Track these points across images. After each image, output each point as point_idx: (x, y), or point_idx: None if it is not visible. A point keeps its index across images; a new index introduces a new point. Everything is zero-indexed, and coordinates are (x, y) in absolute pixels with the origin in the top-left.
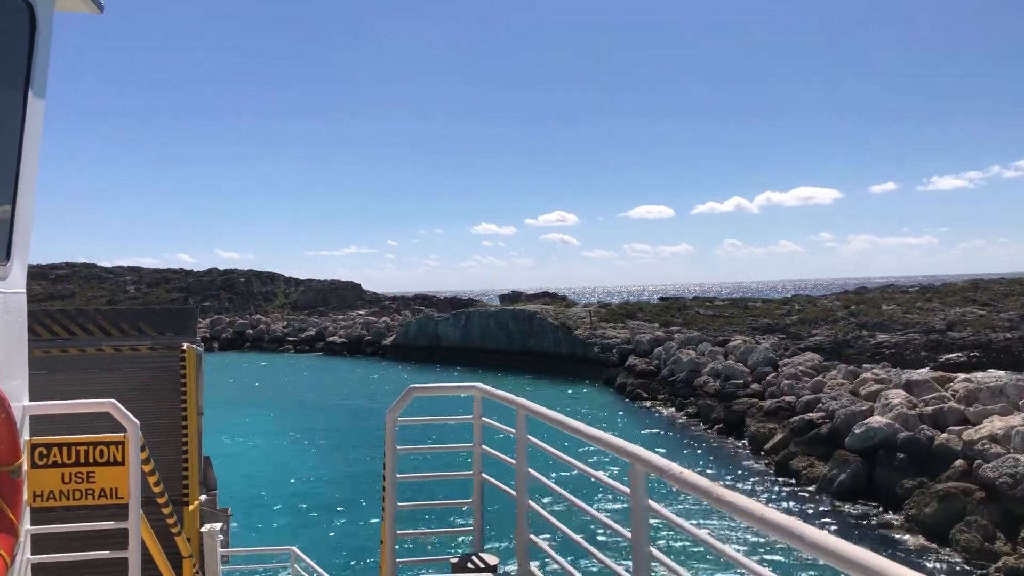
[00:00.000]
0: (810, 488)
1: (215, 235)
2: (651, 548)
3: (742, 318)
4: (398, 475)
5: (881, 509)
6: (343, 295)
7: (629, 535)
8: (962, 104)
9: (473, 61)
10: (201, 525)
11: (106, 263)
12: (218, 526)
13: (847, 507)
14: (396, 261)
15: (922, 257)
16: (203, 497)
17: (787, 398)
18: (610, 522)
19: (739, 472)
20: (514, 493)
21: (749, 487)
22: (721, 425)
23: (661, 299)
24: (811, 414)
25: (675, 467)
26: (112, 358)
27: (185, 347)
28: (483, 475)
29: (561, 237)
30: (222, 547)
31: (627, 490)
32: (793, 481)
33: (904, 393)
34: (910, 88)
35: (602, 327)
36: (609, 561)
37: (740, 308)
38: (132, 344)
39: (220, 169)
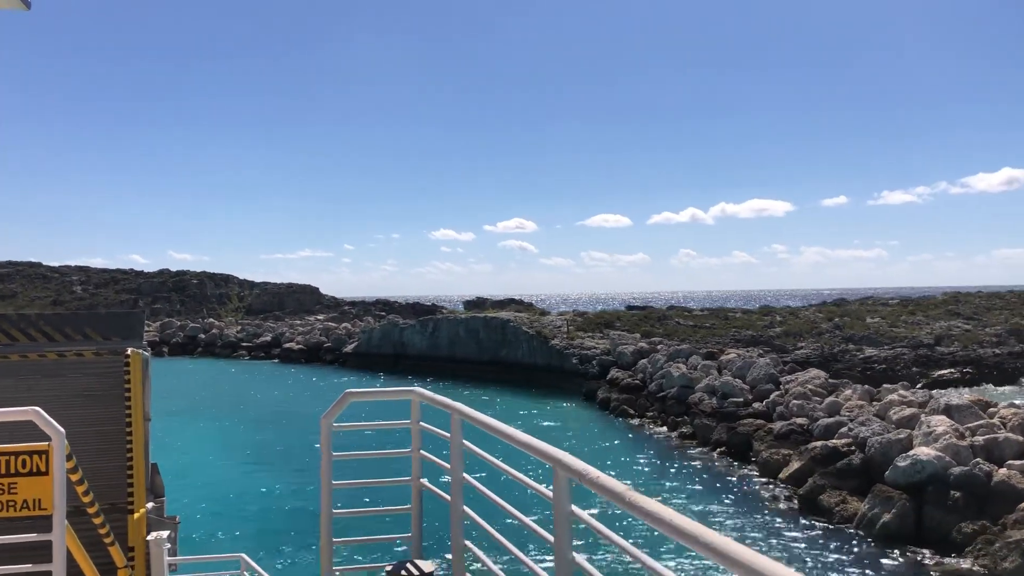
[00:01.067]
0: (847, 528)
1: (169, 236)
2: (573, 554)
3: (724, 329)
4: (334, 482)
5: (939, 556)
6: (300, 299)
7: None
8: (911, 121)
9: (432, 67)
10: (148, 533)
11: (55, 262)
12: (165, 534)
13: (896, 552)
14: (352, 265)
15: (872, 269)
16: (150, 505)
17: (799, 420)
18: (537, 527)
19: (761, 508)
20: (449, 498)
21: (777, 527)
22: (724, 448)
23: (629, 308)
24: (835, 441)
25: (593, 471)
26: (56, 364)
27: (129, 352)
28: (421, 480)
29: (520, 244)
30: (170, 555)
31: (551, 495)
32: (824, 520)
33: (947, 419)
34: (861, 105)
35: (580, 337)
36: (536, 567)
37: (720, 319)
38: (77, 349)
39: (175, 169)
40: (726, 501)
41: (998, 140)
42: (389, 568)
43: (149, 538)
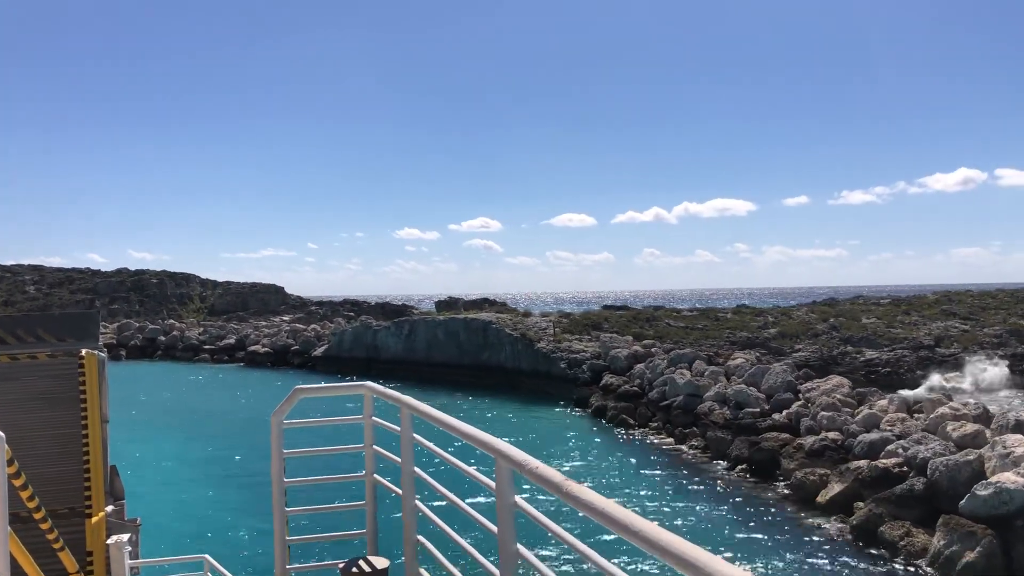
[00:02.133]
0: (919, 566)
1: (128, 235)
2: (517, 545)
3: (716, 331)
4: (286, 480)
5: None
6: (265, 299)
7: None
8: (869, 122)
9: (397, 66)
10: (108, 537)
11: (11, 261)
12: (126, 537)
13: None
14: (316, 264)
15: (834, 268)
16: (110, 508)
17: (830, 434)
18: (483, 520)
19: (806, 539)
20: (401, 492)
21: (836, 564)
22: (745, 466)
23: (606, 307)
24: (884, 461)
25: (532, 461)
26: (8, 367)
27: (84, 353)
28: (375, 476)
29: (485, 243)
30: (131, 558)
31: (494, 486)
32: (887, 553)
33: (1021, 438)
34: (820, 106)
35: (567, 339)
36: (484, 560)
37: (711, 320)
38: (30, 351)
39: (134, 167)
40: (762, 529)
41: (954, 141)
42: (342, 565)
43: (109, 542)
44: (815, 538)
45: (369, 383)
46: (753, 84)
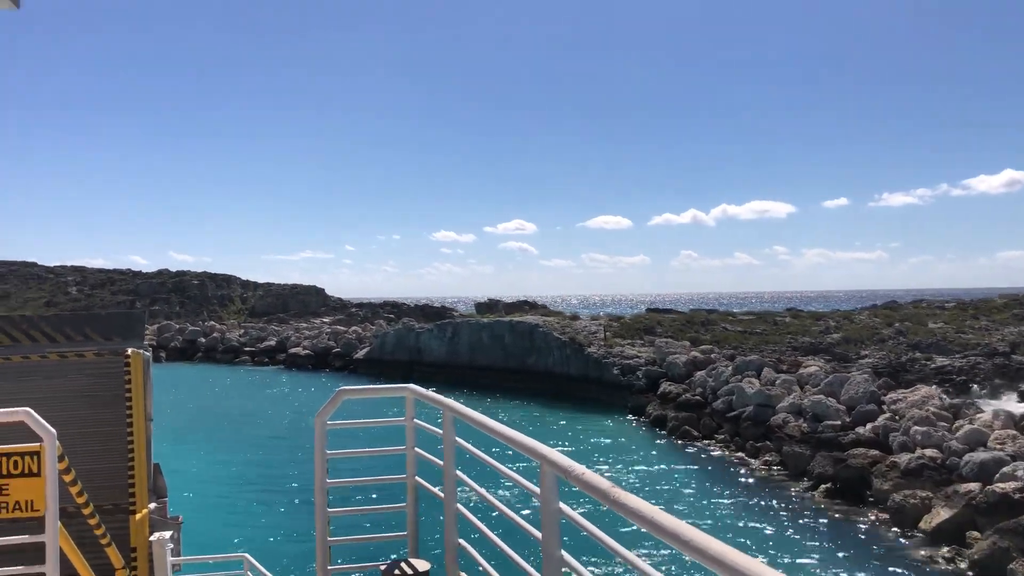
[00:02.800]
0: None
1: (169, 237)
2: (562, 552)
3: (776, 335)
4: (328, 480)
5: None
6: (305, 300)
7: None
8: (913, 123)
9: (432, 69)
10: (151, 534)
11: (54, 262)
12: (168, 534)
13: None
14: (353, 266)
15: (873, 271)
16: (153, 505)
17: (927, 452)
18: (526, 525)
19: (921, 572)
20: (443, 495)
21: None
22: (830, 485)
23: (650, 310)
24: (1002, 485)
25: (578, 467)
26: (57, 365)
27: (130, 352)
28: (416, 478)
29: (520, 245)
30: (173, 555)
31: (538, 491)
32: None
33: None
34: (861, 106)
35: (618, 344)
36: (527, 565)
37: (769, 324)
38: (78, 350)
39: (176, 171)
40: (861, 558)
41: (999, 142)
42: (384, 567)
43: (152, 538)
44: (927, 571)
45: (411, 385)
46: (793, 83)
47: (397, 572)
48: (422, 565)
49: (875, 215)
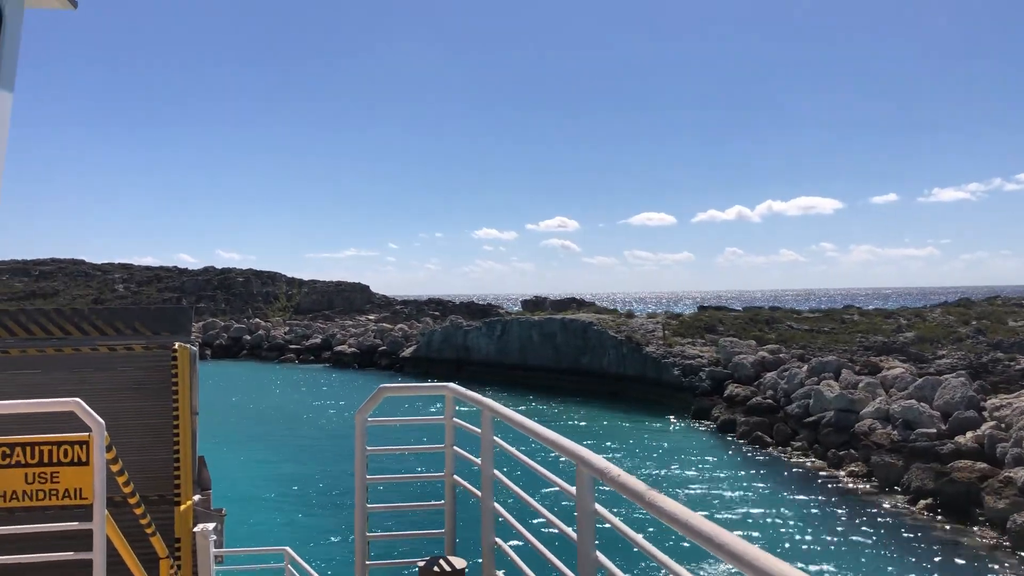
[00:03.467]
0: None
1: (216, 236)
2: (597, 553)
3: (846, 334)
4: (368, 477)
5: None
6: (350, 298)
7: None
8: (963, 116)
9: (473, 68)
10: (195, 525)
11: (102, 259)
12: (211, 526)
13: None
14: (397, 264)
15: (924, 268)
16: (197, 497)
17: None
18: (562, 525)
19: None
20: (480, 494)
21: None
22: (931, 500)
23: (701, 308)
24: None
25: (615, 469)
26: (107, 357)
27: (177, 346)
28: (454, 476)
29: (562, 243)
30: (216, 547)
31: (574, 492)
32: None
33: None
34: (911, 100)
35: (678, 343)
36: (562, 566)
37: (837, 322)
38: (127, 343)
39: (223, 170)
40: None
41: None
42: (422, 564)
43: (196, 529)
44: None
45: (451, 384)
46: (839, 79)
47: (436, 569)
48: (459, 563)
49: (925, 211)
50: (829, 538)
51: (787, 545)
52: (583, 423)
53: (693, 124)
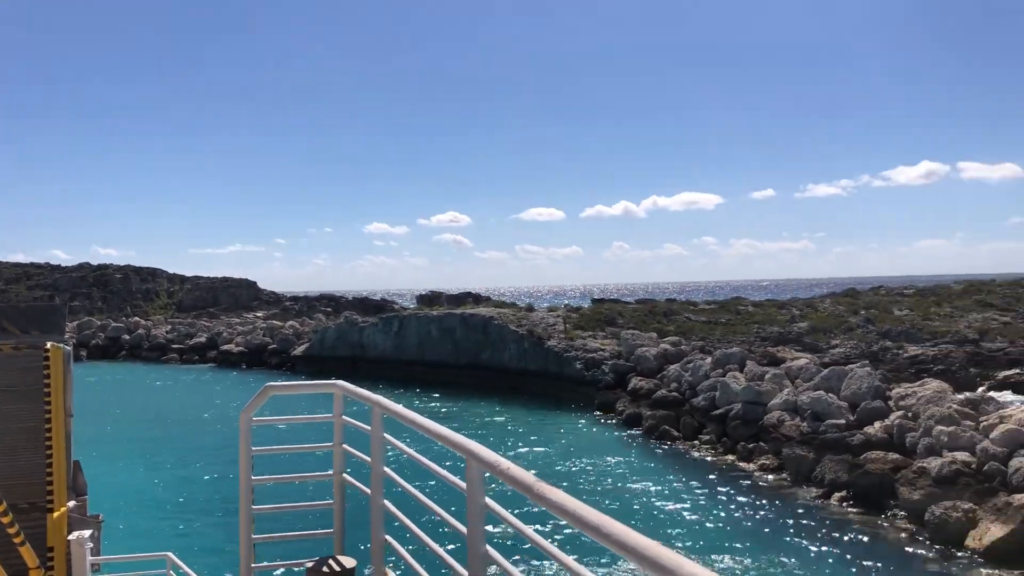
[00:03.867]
0: None
1: (92, 231)
2: (487, 547)
3: (743, 325)
4: (254, 478)
5: None
6: (236, 294)
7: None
8: (835, 116)
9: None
10: (69, 533)
11: None
12: (87, 533)
13: None
14: (284, 259)
15: (800, 261)
16: (72, 503)
17: (958, 455)
18: (452, 520)
19: None
20: (370, 492)
21: None
22: (846, 493)
23: (596, 301)
24: None
25: (504, 462)
26: None
27: (49, 346)
28: (344, 475)
29: (454, 238)
30: (92, 555)
31: (464, 486)
32: None
33: None
34: (785, 98)
35: (579, 336)
36: (452, 560)
37: (734, 313)
38: None
39: (99, 163)
40: None
41: (917, 134)
42: (310, 564)
43: (70, 538)
44: None
45: (340, 382)
46: (720, 78)
47: (324, 570)
48: (348, 562)
49: (801, 206)
50: (744, 533)
51: (702, 542)
52: (485, 419)
53: (583, 119)
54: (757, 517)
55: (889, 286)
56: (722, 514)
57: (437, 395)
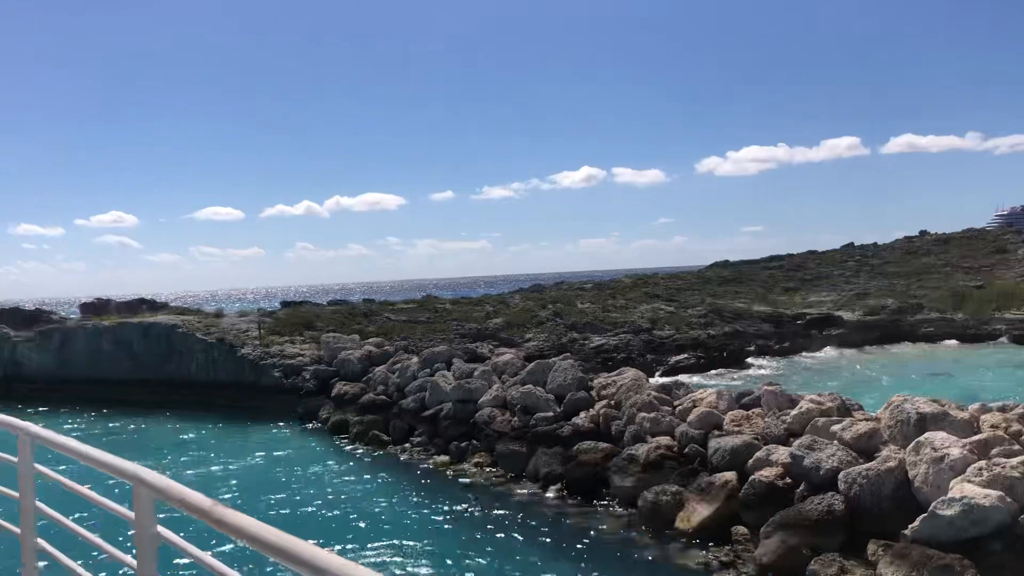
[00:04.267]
0: None
1: None
2: None
3: (442, 323)
4: None
5: None
6: None
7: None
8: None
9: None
10: None
11: None
12: None
13: None
14: None
15: (479, 259)
16: None
17: (662, 440)
18: (119, 553)
19: None
20: (19, 531)
21: None
22: (561, 485)
23: (285, 303)
24: (764, 473)
25: (177, 486)
26: None
27: None
28: None
29: (119, 239)
30: None
31: (133, 516)
32: None
33: (952, 437)
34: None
35: (275, 342)
36: None
37: (433, 311)
38: None
39: None
40: (625, 573)
41: (578, 141)
42: None
43: None
44: None
45: None
46: (399, 83)
47: None
48: None
49: (478, 207)
50: (457, 535)
51: (410, 549)
52: (173, 439)
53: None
54: (472, 517)
55: (570, 281)
56: (434, 517)
57: (115, 417)
